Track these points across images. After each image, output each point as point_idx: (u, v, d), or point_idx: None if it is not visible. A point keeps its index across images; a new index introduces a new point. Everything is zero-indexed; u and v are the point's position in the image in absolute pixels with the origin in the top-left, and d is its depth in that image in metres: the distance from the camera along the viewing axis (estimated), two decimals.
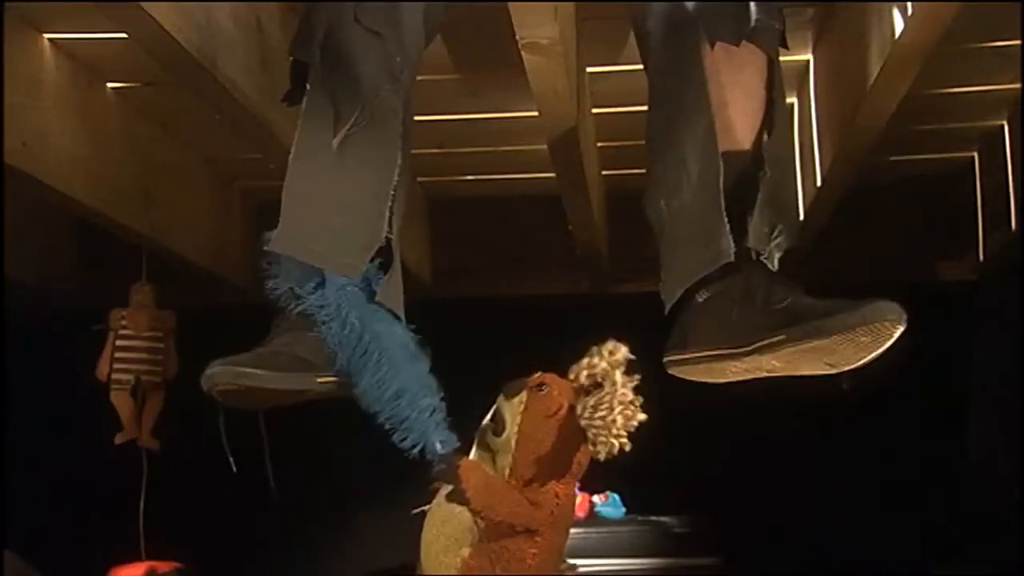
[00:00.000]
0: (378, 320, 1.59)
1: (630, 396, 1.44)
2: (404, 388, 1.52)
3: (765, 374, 1.60)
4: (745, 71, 1.68)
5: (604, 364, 1.48)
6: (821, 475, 3.18)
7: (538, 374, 1.53)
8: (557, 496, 1.51)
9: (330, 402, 1.68)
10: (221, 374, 1.53)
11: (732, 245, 1.57)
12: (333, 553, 3.35)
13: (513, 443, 1.50)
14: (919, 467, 3.13)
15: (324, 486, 3.31)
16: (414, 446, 1.52)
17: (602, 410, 1.44)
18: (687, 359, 1.65)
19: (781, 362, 1.55)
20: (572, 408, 1.48)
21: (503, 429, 1.50)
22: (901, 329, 1.47)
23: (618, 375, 1.46)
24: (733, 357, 1.58)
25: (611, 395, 1.44)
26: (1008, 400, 2.78)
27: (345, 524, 3.36)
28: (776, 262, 1.63)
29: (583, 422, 1.46)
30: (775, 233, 1.63)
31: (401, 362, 1.54)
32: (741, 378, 1.64)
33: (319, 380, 1.58)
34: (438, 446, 1.50)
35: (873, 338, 1.47)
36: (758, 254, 1.61)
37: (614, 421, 1.44)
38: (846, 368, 1.53)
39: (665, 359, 1.69)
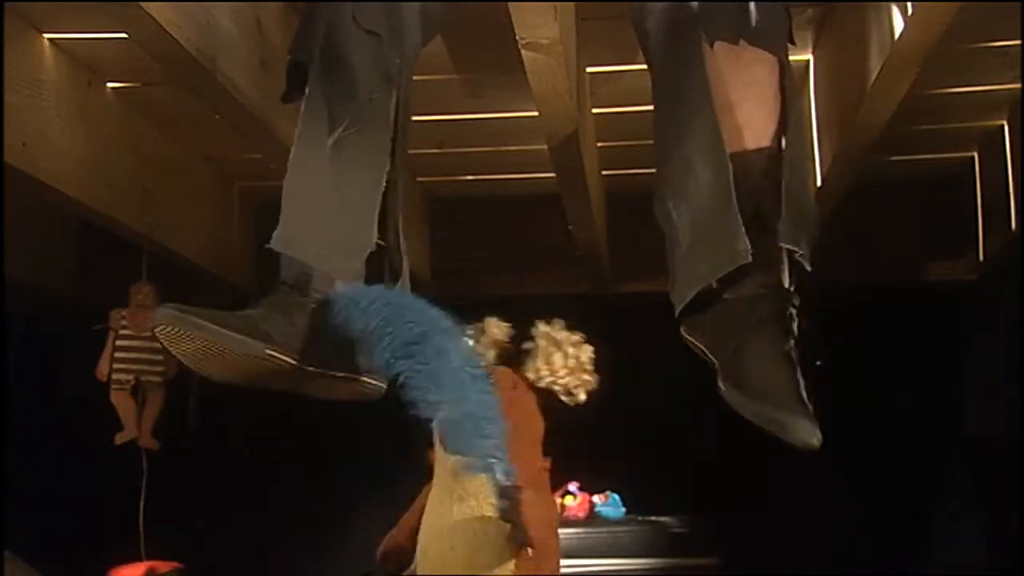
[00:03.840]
0: (440, 333, 1.53)
1: (573, 336, 1.48)
2: (470, 413, 1.47)
3: None
4: (753, 69, 1.67)
5: (499, 335, 1.51)
6: (821, 475, 3.18)
7: None
8: (546, 470, 1.54)
9: (329, 403, 1.68)
10: (164, 314, 1.51)
11: (749, 246, 1.57)
12: (333, 553, 3.35)
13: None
14: (919, 466, 3.13)
15: (324, 486, 3.31)
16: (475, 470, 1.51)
17: (556, 361, 1.47)
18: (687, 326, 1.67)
19: None
20: (525, 384, 1.51)
21: None
22: (813, 449, 1.53)
23: (542, 327, 1.49)
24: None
25: (555, 344, 1.47)
26: (1008, 400, 2.78)
27: (345, 524, 3.36)
28: (808, 261, 1.62)
29: (546, 382, 1.48)
30: (801, 229, 1.63)
31: (467, 384, 1.51)
32: None
33: (268, 351, 1.54)
34: (501, 478, 1.45)
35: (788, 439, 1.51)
36: (791, 252, 1.61)
37: (577, 360, 1.46)
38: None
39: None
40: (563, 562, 1.59)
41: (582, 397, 1.49)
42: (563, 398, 1.51)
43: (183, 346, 1.52)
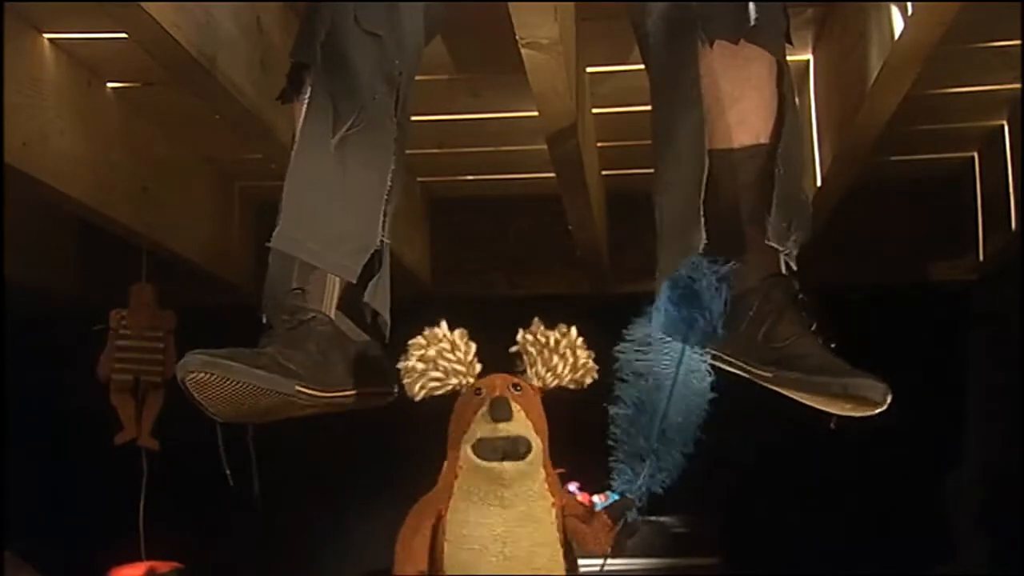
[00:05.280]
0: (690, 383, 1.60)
1: (560, 334, 1.55)
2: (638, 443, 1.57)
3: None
4: (752, 66, 1.68)
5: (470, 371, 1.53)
6: (820, 475, 3.18)
7: (480, 390, 1.56)
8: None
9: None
10: (192, 362, 1.48)
11: (703, 238, 1.58)
12: (332, 553, 3.35)
13: (541, 445, 1.53)
14: (919, 467, 3.13)
15: (323, 487, 3.31)
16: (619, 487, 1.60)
17: (558, 365, 1.54)
18: (711, 353, 1.66)
19: (799, 397, 1.56)
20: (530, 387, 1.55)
21: (527, 449, 1.52)
22: (881, 408, 1.50)
23: (520, 337, 1.54)
24: (742, 370, 1.59)
25: (548, 348, 1.54)
26: (1008, 400, 2.78)
27: (344, 524, 3.36)
28: (794, 260, 1.63)
29: (553, 385, 1.54)
30: (791, 229, 1.63)
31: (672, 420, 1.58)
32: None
33: (298, 388, 1.53)
34: (635, 512, 1.58)
35: (854, 407, 1.50)
36: (786, 265, 1.62)
37: (575, 354, 1.55)
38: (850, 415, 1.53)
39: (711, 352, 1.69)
40: None
41: (588, 381, 1.57)
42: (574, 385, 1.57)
43: (211, 392, 1.49)
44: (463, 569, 1.48)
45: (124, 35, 1.80)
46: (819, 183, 2.46)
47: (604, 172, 2.75)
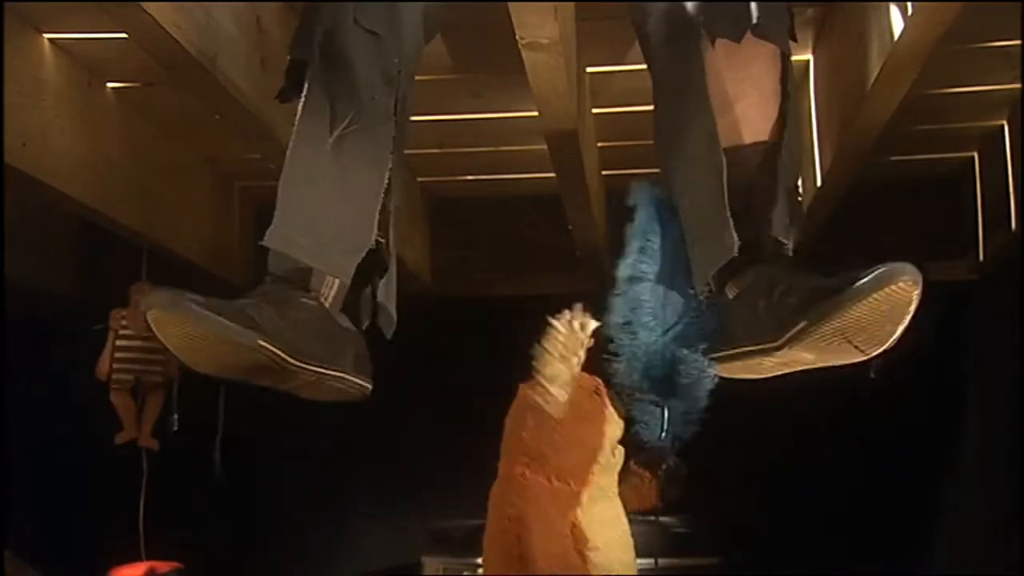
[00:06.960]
0: None
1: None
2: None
3: (800, 367, 1.60)
4: (752, 65, 1.68)
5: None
6: (821, 475, 3.18)
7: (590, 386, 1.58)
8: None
9: (329, 403, 1.67)
10: (158, 296, 1.47)
11: (736, 240, 1.57)
12: (332, 553, 3.35)
13: None
14: (919, 467, 3.13)
15: (323, 486, 3.31)
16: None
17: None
18: (724, 356, 1.66)
19: (812, 353, 1.54)
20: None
21: None
22: (918, 292, 1.45)
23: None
24: (764, 353, 1.57)
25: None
26: (1008, 400, 2.78)
27: (344, 524, 3.36)
28: (791, 253, 1.64)
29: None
30: (792, 224, 1.64)
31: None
32: (777, 372, 1.64)
33: (261, 343, 1.50)
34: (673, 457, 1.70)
35: (891, 306, 1.46)
36: (780, 244, 1.62)
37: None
38: (876, 349, 1.51)
39: (708, 357, 1.69)
40: None
41: None
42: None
43: (172, 330, 1.47)
44: (625, 569, 1.53)
45: (124, 35, 1.80)
46: (819, 183, 2.46)
47: (604, 172, 2.75)
